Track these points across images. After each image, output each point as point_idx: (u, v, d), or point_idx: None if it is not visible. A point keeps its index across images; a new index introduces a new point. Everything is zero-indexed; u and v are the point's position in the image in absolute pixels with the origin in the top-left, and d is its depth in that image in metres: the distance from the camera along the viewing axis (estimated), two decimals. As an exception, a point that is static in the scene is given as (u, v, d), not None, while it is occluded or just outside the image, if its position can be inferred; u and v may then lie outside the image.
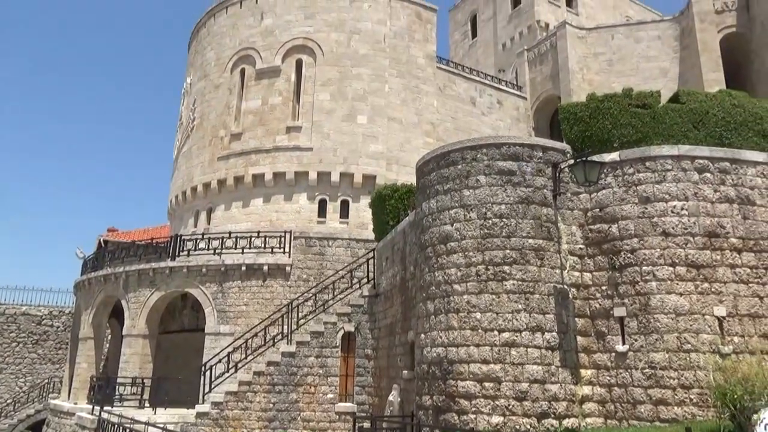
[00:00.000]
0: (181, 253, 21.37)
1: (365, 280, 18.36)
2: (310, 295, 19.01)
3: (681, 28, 29.02)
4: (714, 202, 10.43)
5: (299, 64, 25.70)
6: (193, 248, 21.35)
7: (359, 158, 24.29)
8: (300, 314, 18.33)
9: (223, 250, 20.85)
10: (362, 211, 23.29)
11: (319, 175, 24.00)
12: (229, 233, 21.41)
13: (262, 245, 20.79)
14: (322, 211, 23.96)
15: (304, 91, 25.21)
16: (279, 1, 26.64)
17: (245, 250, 20.72)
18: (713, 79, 26.30)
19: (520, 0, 37.31)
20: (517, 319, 10.21)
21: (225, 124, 25.92)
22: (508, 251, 10.57)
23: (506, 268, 10.47)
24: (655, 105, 11.79)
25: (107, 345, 29.17)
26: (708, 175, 10.59)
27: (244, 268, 20.30)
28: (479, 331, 10.27)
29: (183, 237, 22.32)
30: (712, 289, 9.91)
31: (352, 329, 17.14)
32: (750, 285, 10.03)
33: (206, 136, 26.46)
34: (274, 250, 20.67)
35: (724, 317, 9.77)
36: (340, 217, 23.96)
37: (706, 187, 10.51)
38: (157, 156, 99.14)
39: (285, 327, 18.03)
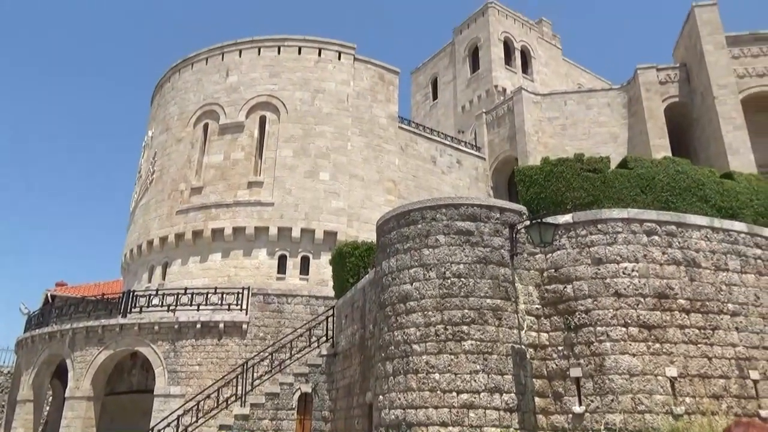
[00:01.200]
0: (133, 310, 20.64)
1: (324, 338, 18.01)
2: (267, 354, 18.49)
3: (629, 96, 30.77)
4: (662, 264, 10.79)
5: (263, 121, 25.97)
6: (146, 304, 20.67)
7: (321, 214, 24.33)
8: (255, 374, 17.75)
9: (178, 307, 20.24)
10: (323, 267, 23.12)
11: (279, 231, 23.86)
12: (185, 289, 20.87)
13: (219, 302, 20.29)
14: (281, 267, 23.68)
15: (267, 147, 25.38)
16: (245, 59, 27.15)
17: (201, 307, 20.17)
18: (659, 145, 27.77)
19: (478, 65, 39.11)
20: (475, 380, 10.14)
21: (185, 177, 25.72)
22: (466, 311, 10.61)
23: (465, 327, 10.48)
24: (605, 169, 12.33)
25: (47, 407, 27.44)
26: (656, 237, 11.01)
27: (198, 325, 19.69)
28: (438, 392, 10.14)
29: (136, 293, 21.62)
30: (664, 350, 10.12)
31: (309, 390, 16.64)
32: (699, 346, 10.29)
33: (166, 189, 26.14)
34: (231, 307, 20.18)
35: (675, 378, 9.94)
36: (300, 274, 23.72)
37: (654, 249, 10.89)
38: (112, 209, 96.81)
39: (239, 388, 17.39)
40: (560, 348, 10.60)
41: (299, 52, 27.14)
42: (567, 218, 11.36)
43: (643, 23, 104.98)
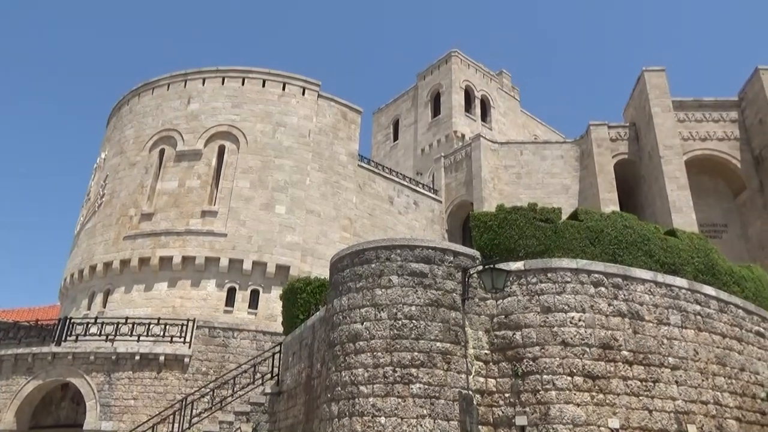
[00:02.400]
0: (68, 338, 19.62)
1: (269, 376, 17.46)
2: (208, 390, 17.77)
3: (581, 150, 32.00)
4: (608, 315, 11.03)
5: (221, 150, 25.70)
6: (83, 333, 19.69)
7: (274, 248, 23.97)
8: (194, 411, 16.95)
9: (117, 337, 19.35)
10: (273, 302, 22.65)
11: (230, 262, 23.33)
12: (126, 318, 20.01)
13: (161, 333, 19.52)
14: (230, 299, 23.07)
15: (224, 177, 25.05)
16: (208, 87, 27.00)
17: (141, 338, 19.35)
18: (608, 198, 28.85)
19: (439, 110, 40.09)
20: (421, 425, 9.98)
21: (136, 203, 25.01)
22: (416, 353, 10.52)
23: (413, 370, 10.37)
24: (556, 220, 12.65)
25: (-36, 440, 25.47)
26: (603, 289, 11.28)
27: (137, 357, 18.84)
28: (383, 437, 9.91)
29: (73, 320, 20.58)
30: (607, 401, 10.24)
31: (250, 430, 16.00)
32: (641, 398, 10.46)
33: (114, 213, 25.32)
34: (174, 339, 19.44)
35: (617, 429, 10.03)
36: (249, 307, 23.14)
37: (601, 301, 11.14)
38: (55, 231, 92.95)
39: (176, 425, 16.57)
40: (507, 395, 10.59)
41: (263, 85, 27.21)
42: (519, 265, 11.54)
43: (597, 81, 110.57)
